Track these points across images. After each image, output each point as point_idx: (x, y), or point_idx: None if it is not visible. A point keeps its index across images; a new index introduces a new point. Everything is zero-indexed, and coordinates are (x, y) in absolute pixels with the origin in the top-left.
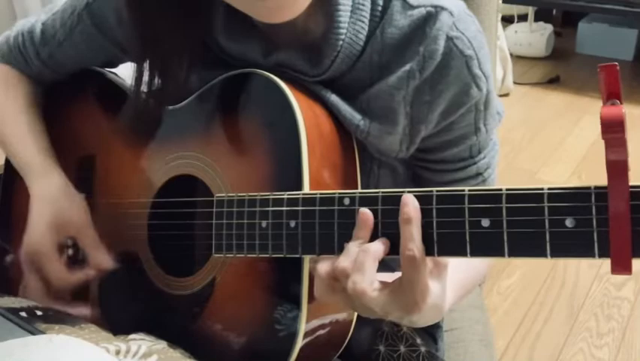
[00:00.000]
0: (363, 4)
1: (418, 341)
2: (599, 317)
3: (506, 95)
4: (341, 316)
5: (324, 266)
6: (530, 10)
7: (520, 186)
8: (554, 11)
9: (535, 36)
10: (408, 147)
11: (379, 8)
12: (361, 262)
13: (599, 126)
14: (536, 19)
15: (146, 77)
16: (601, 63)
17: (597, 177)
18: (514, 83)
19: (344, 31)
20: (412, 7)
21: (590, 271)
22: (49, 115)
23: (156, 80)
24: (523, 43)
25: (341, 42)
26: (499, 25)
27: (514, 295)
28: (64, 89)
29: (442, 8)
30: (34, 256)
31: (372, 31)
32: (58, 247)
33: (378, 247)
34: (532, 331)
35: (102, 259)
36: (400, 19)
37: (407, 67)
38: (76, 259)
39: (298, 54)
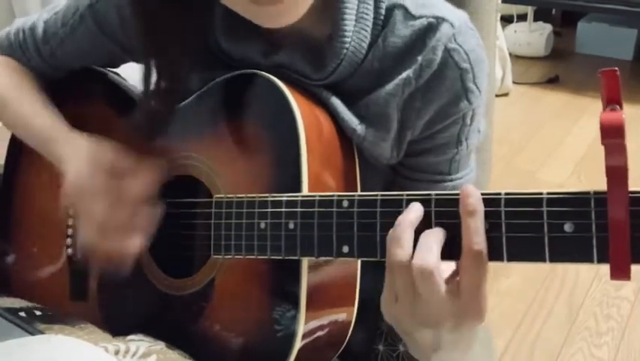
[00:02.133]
0: (367, 13)
1: None
2: (598, 317)
3: (505, 94)
4: (340, 317)
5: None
6: (529, 10)
7: (520, 187)
8: (554, 11)
9: (534, 36)
10: (397, 153)
11: (381, 17)
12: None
13: (599, 126)
14: (535, 18)
15: (153, 78)
16: (600, 63)
17: (596, 177)
18: (514, 82)
19: (348, 39)
20: (414, 18)
21: (589, 271)
22: None
23: (162, 82)
24: (522, 42)
25: (345, 50)
26: (499, 24)
27: (514, 294)
28: (64, 89)
29: (444, 20)
30: (88, 199)
31: (374, 39)
32: (108, 181)
33: (414, 213)
34: (531, 330)
35: (151, 166)
36: (402, 29)
37: (404, 74)
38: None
39: (300, 57)
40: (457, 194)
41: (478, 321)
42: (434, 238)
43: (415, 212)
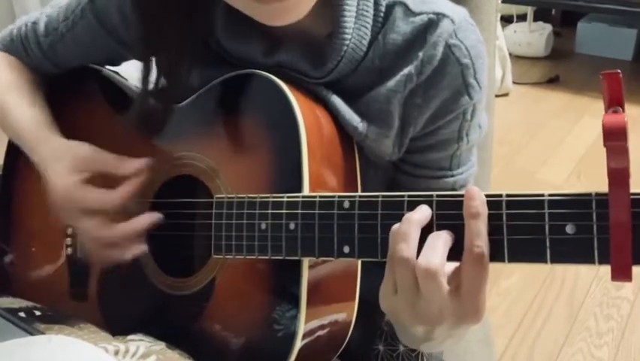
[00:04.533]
0: (367, 10)
1: None
2: (598, 317)
3: (505, 95)
4: (340, 316)
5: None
6: (529, 10)
7: (519, 187)
8: (553, 11)
9: (534, 36)
10: (399, 149)
11: (382, 14)
12: (433, 243)
13: (599, 126)
14: (535, 18)
15: (153, 77)
16: (600, 63)
17: (596, 177)
18: (514, 82)
19: (349, 36)
20: (414, 14)
21: (589, 271)
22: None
23: (162, 80)
24: (522, 43)
25: (345, 47)
26: (499, 24)
27: (514, 295)
28: (64, 88)
29: (444, 16)
30: (70, 204)
31: (374, 37)
32: (85, 180)
33: (448, 236)
34: (531, 330)
35: (132, 165)
36: (402, 25)
37: (406, 71)
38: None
39: (300, 55)
40: (459, 195)
41: (475, 322)
42: (442, 239)
43: (422, 213)
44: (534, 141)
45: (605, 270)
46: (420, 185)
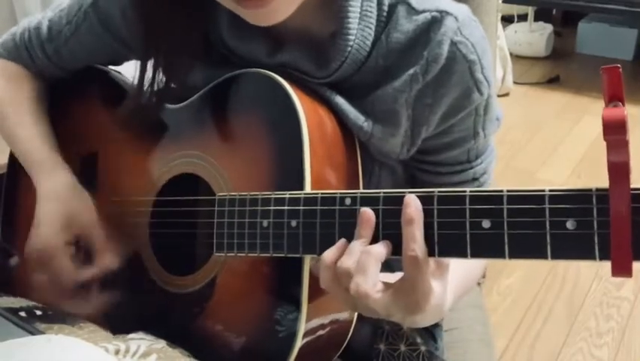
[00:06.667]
0: (370, 11)
1: (418, 340)
2: (598, 317)
3: (506, 94)
4: (341, 316)
5: (329, 254)
6: (530, 10)
7: (520, 187)
8: (554, 11)
9: (535, 36)
10: (409, 148)
11: (385, 13)
12: (364, 264)
13: (599, 126)
14: (536, 18)
15: (149, 75)
16: (601, 63)
17: (596, 177)
18: (514, 82)
19: (352, 37)
20: (417, 12)
21: (589, 271)
22: (52, 113)
23: (159, 78)
24: (522, 42)
25: (349, 48)
26: (499, 24)
27: (514, 294)
28: (69, 88)
29: (447, 13)
30: (43, 253)
31: (377, 36)
32: (66, 244)
33: (381, 250)
34: (531, 330)
35: (109, 258)
36: (405, 24)
37: (411, 71)
38: (84, 257)
39: (304, 55)
40: (460, 191)
41: (422, 311)
42: (372, 258)
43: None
44: (534, 140)
45: (606, 270)
46: (440, 180)
